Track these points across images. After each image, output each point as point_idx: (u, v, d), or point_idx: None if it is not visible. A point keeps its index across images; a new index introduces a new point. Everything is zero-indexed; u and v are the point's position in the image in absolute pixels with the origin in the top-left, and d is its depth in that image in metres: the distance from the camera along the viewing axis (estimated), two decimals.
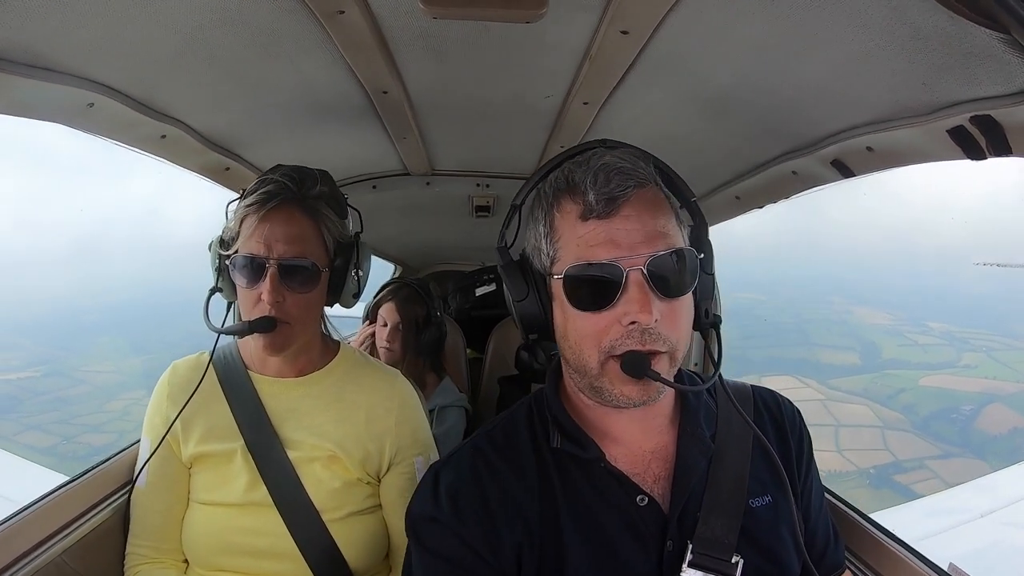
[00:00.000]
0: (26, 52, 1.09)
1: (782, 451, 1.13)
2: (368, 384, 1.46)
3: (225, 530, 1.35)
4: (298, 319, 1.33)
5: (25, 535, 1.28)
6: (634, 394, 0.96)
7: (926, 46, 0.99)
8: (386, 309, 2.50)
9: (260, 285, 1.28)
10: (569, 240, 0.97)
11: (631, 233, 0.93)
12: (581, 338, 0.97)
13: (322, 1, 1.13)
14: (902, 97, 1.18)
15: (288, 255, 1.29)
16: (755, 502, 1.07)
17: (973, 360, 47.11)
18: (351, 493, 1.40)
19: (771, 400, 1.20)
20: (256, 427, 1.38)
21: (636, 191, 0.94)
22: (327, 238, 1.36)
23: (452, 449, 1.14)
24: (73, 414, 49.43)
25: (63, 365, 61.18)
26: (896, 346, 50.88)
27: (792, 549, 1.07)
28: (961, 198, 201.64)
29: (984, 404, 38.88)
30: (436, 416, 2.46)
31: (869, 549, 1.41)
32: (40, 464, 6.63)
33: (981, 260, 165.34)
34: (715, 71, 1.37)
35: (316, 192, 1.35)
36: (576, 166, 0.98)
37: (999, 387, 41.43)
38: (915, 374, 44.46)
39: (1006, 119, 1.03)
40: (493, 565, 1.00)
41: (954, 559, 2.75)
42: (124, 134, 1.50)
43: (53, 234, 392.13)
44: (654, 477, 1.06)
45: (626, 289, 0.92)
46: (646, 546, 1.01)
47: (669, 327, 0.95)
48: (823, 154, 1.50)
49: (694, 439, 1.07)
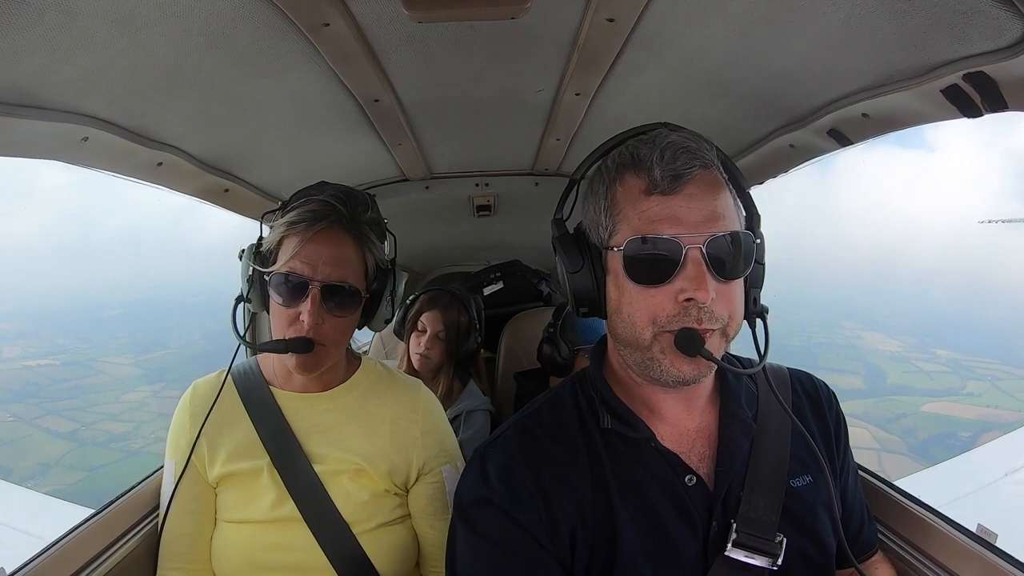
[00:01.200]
0: (16, 92, 1.10)
1: (821, 432, 1.15)
2: (391, 396, 1.47)
3: (255, 547, 1.36)
4: (333, 341, 1.33)
5: (55, 571, 1.28)
6: (686, 370, 0.97)
7: (913, 8, 0.98)
8: (428, 317, 2.46)
9: (300, 305, 1.28)
10: (630, 214, 0.98)
11: (693, 212, 0.95)
12: (635, 312, 0.97)
13: (306, 16, 1.13)
14: (893, 61, 1.17)
15: (333, 278, 1.28)
16: (796, 482, 1.08)
17: (977, 388, 47.98)
18: (379, 505, 1.40)
19: (808, 382, 1.22)
20: (281, 443, 1.38)
21: (700, 171, 0.96)
22: (369, 263, 1.36)
23: (495, 432, 1.14)
24: (91, 402, 50.88)
25: (81, 355, 63.47)
26: (901, 372, 51.53)
27: (830, 528, 1.09)
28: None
29: (982, 431, 39.88)
30: (463, 420, 2.45)
31: (897, 516, 1.40)
32: (60, 445, 6.63)
33: (986, 219, 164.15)
34: (704, 51, 1.37)
35: (367, 217, 1.34)
36: (641, 143, 0.99)
37: (998, 415, 42.52)
38: (918, 400, 45.25)
39: (999, 74, 1.02)
40: (550, 551, 1.01)
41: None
42: (120, 165, 1.50)
43: (101, 225, 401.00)
44: (699, 456, 1.07)
45: (684, 266, 0.93)
46: (693, 525, 1.03)
47: (722, 307, 0.96)
48: (819, 125, 1.49)
49: (736, 419, 1.09)
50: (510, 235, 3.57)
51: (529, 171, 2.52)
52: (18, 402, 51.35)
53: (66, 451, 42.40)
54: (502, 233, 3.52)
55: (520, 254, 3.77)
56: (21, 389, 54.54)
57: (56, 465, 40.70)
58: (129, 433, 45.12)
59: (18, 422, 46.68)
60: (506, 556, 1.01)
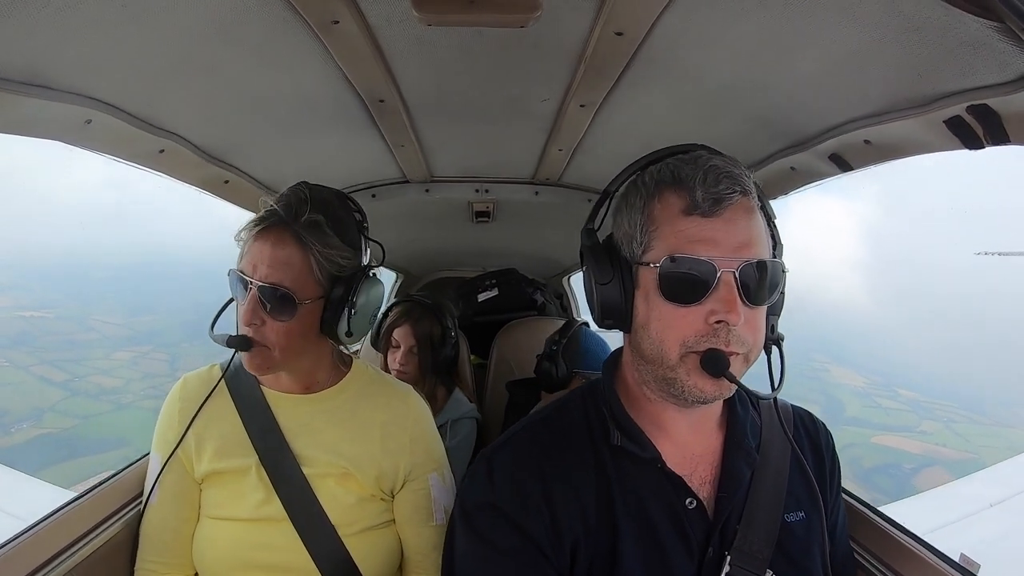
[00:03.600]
0: (22, 70, 1.09)
1: (817, 470, 1.15)
2: (383, 402, 1.45)
3: (239, 545, 1.34)
4: (277, 345, 1.29)
5: (34, 552, 1.27)
6: (708, 389, 0.97)
7: (920, 37, 0.99)
8: (400, 332, 2.43)
9: (244, 304, 1.28)
10: (667, 232, 0.98)
11: (730, 236, 0.95)
12: (664, 329, 0.98)
13: (316, 12, 1.13)
14: (898, 89, 1.18)
15: (269, 280, 1.26)
16: (790, 517, 1.09)
17: (931, 428, 48.94)
18: (365, 509, 1.39)
19: (809, 421, 1.23)
20: (270, 441, 1.37)
21: (740, 198, 0.97)
22: (317, 269, 1.30)
23: (503, 436, 1.14)
24: (83, 356, 51.68)
25: (73, 311, 64.52)
26: (861, 406, 52.28)
27: (820, 566, 1.09)
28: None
29: (925, 465, 40.98)
30: (450, 429, 2.43)
31: (880, 543, 1.40)
32: (53, 392, 6.68)
33: (981, 250, 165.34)
34: (710, 69, 1.38)
35: (307, 220, 1.29)
36: (683, 163, 1.00)
37: (944, 453, 43.56)
38: (870, 432, 46.16)
39: (1003, 108, 1.03)
40: (552, 560, 1.00)
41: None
42: (122, 150, 1.50)
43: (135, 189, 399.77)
44: (700, 480, 1.07)
45: (717, 288, 0.94)
46: (690, 549, 1.03)
47: (748, 332, 0.97)
48: (821, 148, 1.50)
49: (740, 449, 1.09)
50: (508, 243, 3.58)
51: (530, 180, 2.52)
52: (13, 349, 52.38)
53: (60, 399, 43.65)
54: (500, 241, 3.52)
55: (517, 263, 3.77)
56: (16, 337, 55.54)
57: (50, 410, 41.91)
58: (119, 388, 46.18)
59: (13, 367, 47.76)
60: (507, 562, 1.00)
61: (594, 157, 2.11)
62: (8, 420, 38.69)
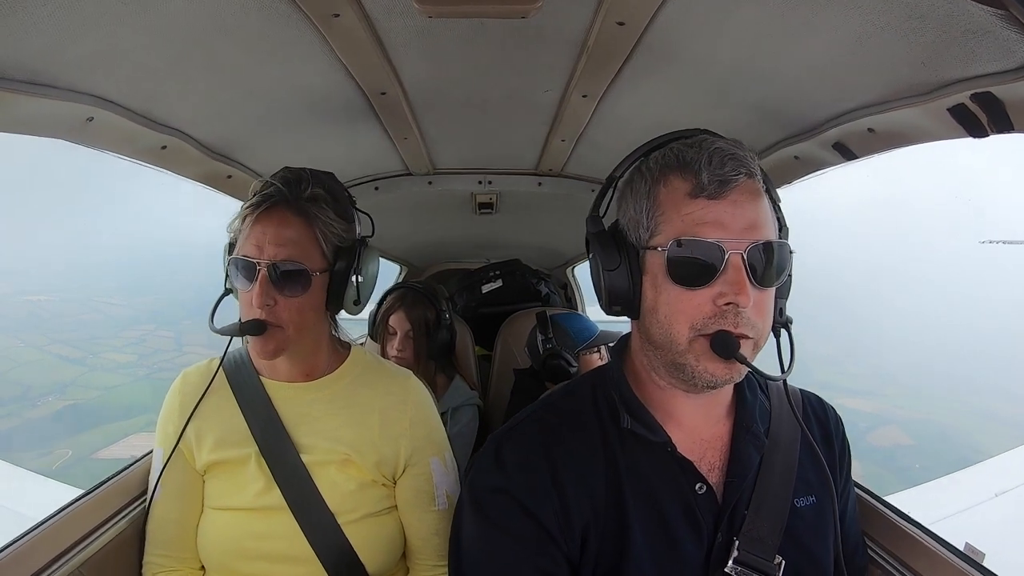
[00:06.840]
0: (23, 69, 1.09)
1: (827, 455, 1.15)
2: (381, 387, 1.46)
3: (240, 535, 1.36)
4: (291, 323, 1.31)
5: (43, 549, 1.29)
6: (719, 372, 0.97)
7: (923, 25, 0.98)
8: (395, 318, 2.46)
9: (253, 288, 1.28)
10: (673, 216, 0.98)
11: (737, 218, 0.95)
12: (673, 313, 0.97)
13: (317, 5, 1.13)
14: (902, 77, 1.17)
15: (279, 257, 1.27)
16: (800, 502, 1.09)
17: (894, 392, 48.97)
18: (366, 495, 1.40)
19: (819, 406, 1.23)
20: (269, 432, 1.38)
21: (745, 180, 0.97)
22: (323, 241, 1.33)
23: (512, 420, 1.14)
24: (93, 335, 54.09)
25: (76, 294, 66.54)
26: (830, 372, 52.43)
27: (830, 550, 1.09)
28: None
29: (880, 424, 41.14)
30: (451, 416, 2.46)
31: (886, 532, 1.40)
32: (72, 368, 6.78)
33: (987, 239, 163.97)
34: (713, 59, 1.37)
35: (309, 194, 1.32)
36: (687, 146, 1.00)
37: (900, 413, 43.65)
38: (831, 394, 46.11)
39: (1007, 95, 1.02)
40: (561, 545, 1.01)
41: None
42: (124, 147, 1.50)
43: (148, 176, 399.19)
44: (709, 465, 1.07)
45: (725, 271, 0.94)
46: (700, 533, 1.03)
47: (757, 314, 0.97)
48: (824, 137, 1.49)
49: (750, 433, 1.09)
50: (511, 234, 3.58)
51: (533, 171, 2.52)
52: (25, 331, 54.09)
53: (80, 374, 45.63)
54: (503, 232, 3.52)
55: (520, 254, 3.77)
56: (26, 320, 57.36)
57: (72, 384, 43.86)
58: (133, 363, 47.99)
59: (29, 347, 49.46)
60: (516, 547, 1.00)
61: (597, 147, 2.11)
62: (34, 394, 41.32)
